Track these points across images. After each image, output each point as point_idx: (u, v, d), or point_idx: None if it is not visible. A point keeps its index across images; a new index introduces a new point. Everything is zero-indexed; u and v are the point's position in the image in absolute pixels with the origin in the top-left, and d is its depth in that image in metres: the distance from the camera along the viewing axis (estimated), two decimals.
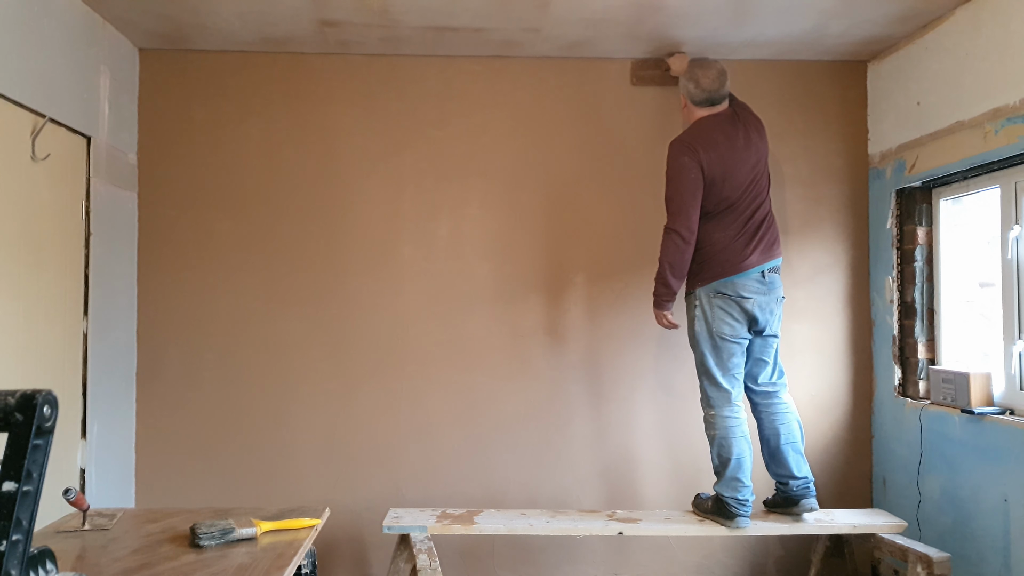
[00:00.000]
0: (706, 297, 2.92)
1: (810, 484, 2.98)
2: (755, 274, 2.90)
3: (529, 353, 3.51)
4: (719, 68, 2.99)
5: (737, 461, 2.90)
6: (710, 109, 3.01)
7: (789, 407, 3.01)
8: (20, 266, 2.58)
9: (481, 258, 3.51)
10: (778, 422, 2.97)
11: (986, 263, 3.13)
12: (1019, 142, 2.64)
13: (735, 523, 2.90)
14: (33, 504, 1.23)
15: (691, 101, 3.04)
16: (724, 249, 2.90)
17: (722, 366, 2.93)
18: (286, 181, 3.47)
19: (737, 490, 2.91)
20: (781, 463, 2.97)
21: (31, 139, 2.62)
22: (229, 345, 3.43)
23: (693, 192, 2.88)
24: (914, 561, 2.78)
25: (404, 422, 3.47)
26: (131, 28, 3.21)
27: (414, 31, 3.21)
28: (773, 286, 2.94)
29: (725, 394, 2.94)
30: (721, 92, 2.99)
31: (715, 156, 2.89)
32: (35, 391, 1.22)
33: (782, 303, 3.01)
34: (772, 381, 3.02)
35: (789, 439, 2.96)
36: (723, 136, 2.93)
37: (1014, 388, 2.84)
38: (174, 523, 2.35)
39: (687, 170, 2.88)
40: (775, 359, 3.03)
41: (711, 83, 2.97)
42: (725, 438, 2.92)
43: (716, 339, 2.91)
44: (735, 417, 2.94)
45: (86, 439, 2.98)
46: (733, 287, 2.88)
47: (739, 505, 2.90)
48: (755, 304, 2.89)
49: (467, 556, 3.48)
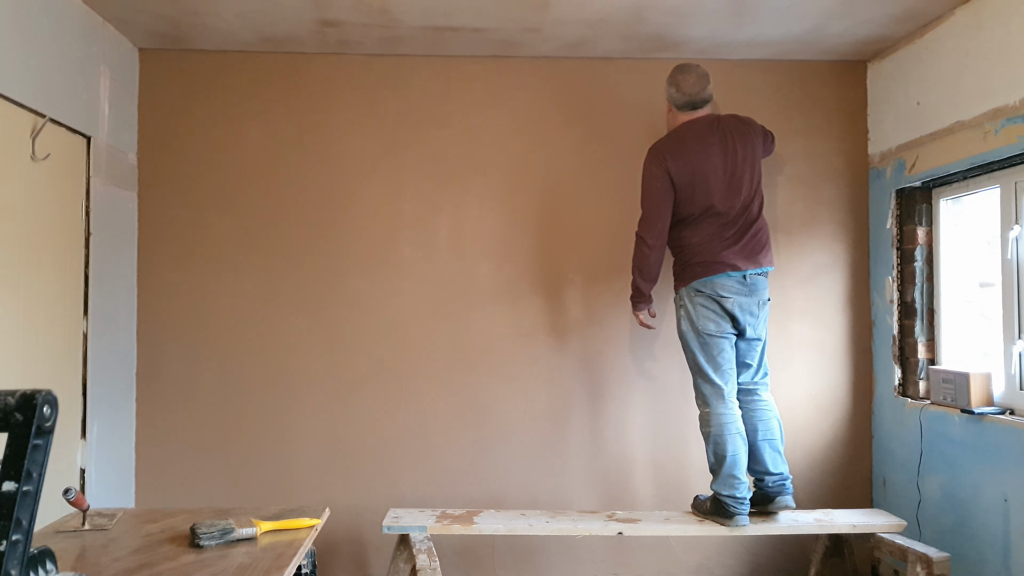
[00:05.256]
0: (688, 297, 2.98)
1: (785, 482, 2.99)
2: (736, 276, 2.92)
3: (529, 353, 3.51)
4: (700, 72, 3.02)
5: (733, 458, 2.91)
6: (691, 113, 3.04)
7: (769, 405, 3.04)
8: (20, 266, 2.58)
9: (481, 258, 3.51)
10: (756, 419, 3.00)
11: (986, 263, 3.13)
12: (1019, 142, 2.64)
13: (734, 522, 2.91)
14: (33, 504, 1.23)
15: (673, 105, 3.08)
16: (701, 252, 2.95)
17: (712, 362, 2.96)
18: (286, 181, 3.47)
19: (734, 488, 2.91)
20: (757, 459, 2.99)
21: (31, 139, 2.62)
22: (229, 345, 3.44)
23: (660, 200, 2.97)
24: (914, 561, 2.78)
25: (404, 422, 3.47)
26: (131, 28, 3.21)
27: (414, 31, 3.21)
28: (756, 288, 2.95)
29: (718, 390, 2.96)
30: (702, 96, 3.01)
31: (683, 163, 2.94)
32: (35, 391, 1.22)
33: (767, 306, 3.01)
34: (753, 380, 3.05)
35: (767, 436, 2.99)
36: (695, 142, 2.97)
37: (1014, 388, 2.84)
38: (174, 523, 2.35)
39: (654, 179, 2.98)
40: (760, 361, 3.04)
41: (691, 87, 3.00)
42: (720, 435, 2.93)
43: (703, 336, 2.95)
44: (729, 414, 2.95)
45: (86, 439, 2.98)
46: (712, 286, 2.92)
47: (737, 504, 2.91)
48: (735, 304, 2.92)
49: (467, 556, 3.48)
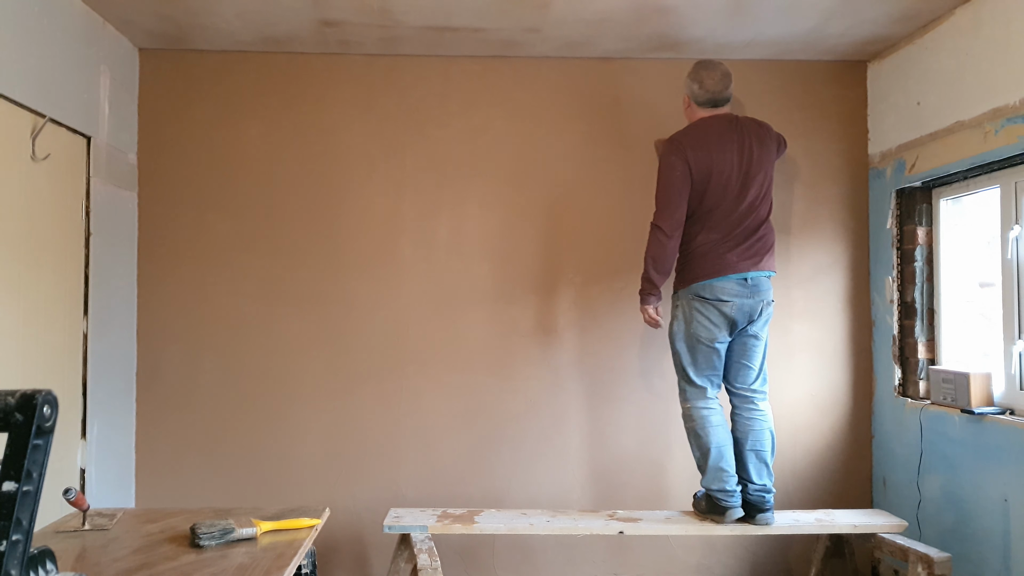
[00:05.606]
0: (686, 300, 2.95)
1: (765, 495, 2.95)
2: (737, 278, 2.89)
3: (529, 353, 3.51)
4: (724, 70, 3.00)
5: (717, 450, 2.91)
6: (712, 110, 3.02)
7: (764, 416, 2.99)
8: (20, 266, 2.58)
9: (481, 258, 3.51)
10: (749, 427, 2.97)
11: (986, 263, 3.13)
12: (1019, 142, 2.64)
13: (728, 516, 2.90)
14: (33, 504, 1.23)
15: (694, 101, 3.05)
16: (707, 252, 2.91)
17: (695, 366, 2.96)
18: (286, 181, 3.47)
19: (724, 481, 2.91)
20: (742, 466, 2.98)
21: (31, 139, 2.62)
22: (229, 345, 3.43)
23: (679, 189, 2.92)
24: (914, 561, 2.77)
25: (404, 422, 3.47)
26: (131, 28, 3.21)
27: (414, 31, 3.21)
28: (758, 288, 2.91)
29: (700, 390, 2.97)
30: (724, 94, 3.00)
31: (702, 155, 2.91)
32: (35, 391, 1.22)
33: (771, 307, 2.97)
34: (752, 387, 3.00)
35: (755, 446, 2.96)
36: (716, 138, 2.94)
37: (1014, 388, 2.84)
38: (174, 523, 2.35)
39: (673, 168, 2.93)
40: (761, 365, 3.00)
41: (715, 84, 2.98)
42: (702, 428, 2.93)
43: (692, 340, 2.94)
44: (709, 408, 2.95)
45: (86, 439, 2.98)
46: (712, 290, 2.89)
47: (728, 497, 2.91)
48: (735, 308, 2.88)
49: (467, 556, 3.48)
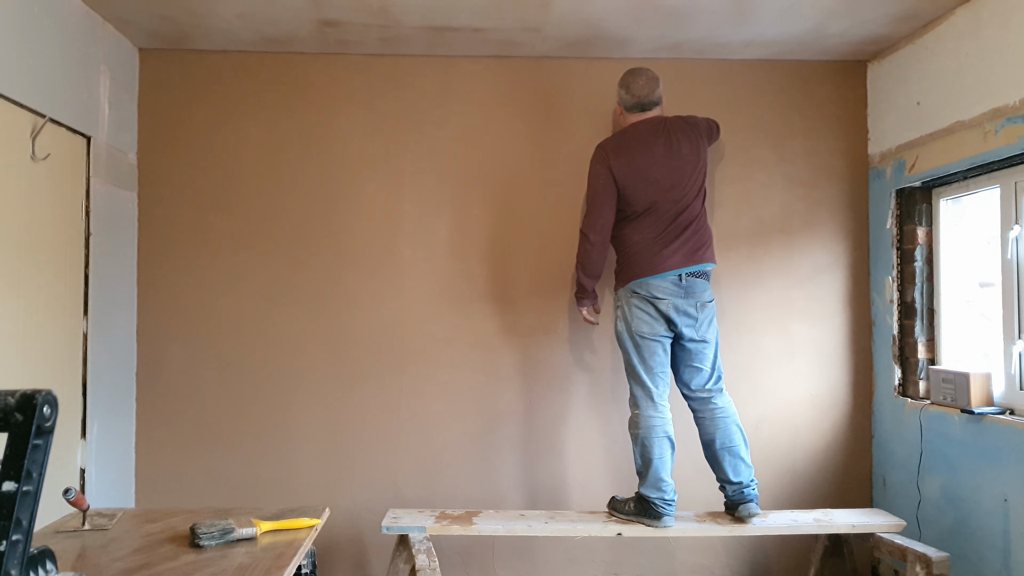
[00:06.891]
0: (625, 297, 3.01)
1: (745, 489, 2.96)
2: (671, 276, 2.93)
3: (529, 353, 3.51)
4: (650, 75, 3.08)
5: (660, 461, 2.92)
6: (640, 115, 3.09)
7: (726, 411, 3.00)
8: (20, 265, 2.58)
9: (481, 258, 3.51)
10: (715, 427, 2.98)
11: (986, 263, 3.13)
12: (1019, 142, 2.64)
13: (662, 523, 2.92)
14: (33, 504, 1.23)
15: (623, 107, 3.13)
16: (642, 251, 2.97)
17: (644, 363, 2.98)
18: (286, 181, 3.47)
19: (663, 491, 2.92)
20: (717, 467, 2.99)
21: (31, 139, 2.62)
22: (229, 345, 3.43)
23: (603, 197, 3.02)
24: (913, 561, 2.77)
25: (404, 422, 3.48)
26: (131, 28, 3.21)
27: (414, 31, 3.21)
28: (693, 289, 2.94)
29: (648, 392, 2.97)
30: (651, 98, 3.06)
31: (625, 161, 2.98)
32: (35, 391, 1.22)
33: (710, 307, 2.99)
34: (707, 387, 3.01)
35: (725, 443, 2.96)
36: (639, 142, 3.01)
37: (1014, 388, 2.84)
38: (174, 523, 2.35)
39: (597, 176, 3.04)
40: (713, 364, 3.01)
41: (640, 89, 3.06)
42: (648, 438, 2.94)
43: (636, 338, 2.97)
44: (658, 416, 2.96)
45: (86, 439, 2.98)
46: (647, 288, 2.94)
47: (665, 504, 2.92)
48: (670, 306, 2.92)
49: (466, 556, 3.48)
